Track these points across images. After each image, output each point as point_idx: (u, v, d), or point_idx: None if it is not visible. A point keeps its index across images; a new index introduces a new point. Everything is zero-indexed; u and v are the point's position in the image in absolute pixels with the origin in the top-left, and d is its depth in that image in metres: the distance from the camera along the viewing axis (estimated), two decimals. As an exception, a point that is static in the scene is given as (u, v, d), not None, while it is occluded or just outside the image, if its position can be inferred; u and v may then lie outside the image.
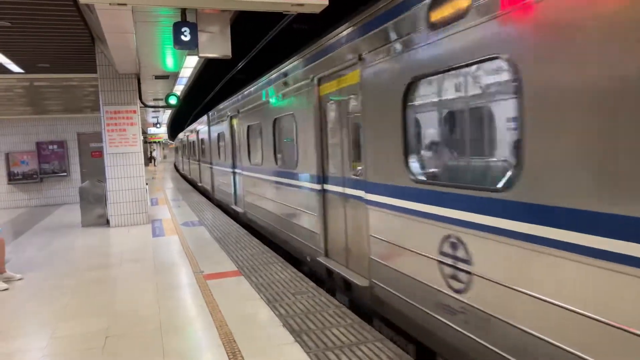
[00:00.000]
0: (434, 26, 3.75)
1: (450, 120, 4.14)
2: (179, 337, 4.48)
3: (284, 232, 8.14)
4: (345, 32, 5.38)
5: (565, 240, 2.68)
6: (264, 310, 5.06)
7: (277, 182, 8.41)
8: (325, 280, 6.43)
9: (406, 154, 4.26)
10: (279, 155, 8.41)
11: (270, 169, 8.76)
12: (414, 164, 4.23)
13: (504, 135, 3.48)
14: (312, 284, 5.95)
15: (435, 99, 4.18)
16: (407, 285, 4.32)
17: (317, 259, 6.43)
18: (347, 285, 5.70)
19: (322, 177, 6.36)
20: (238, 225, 10.54)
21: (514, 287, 3.06)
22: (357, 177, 5.29)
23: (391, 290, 4.61)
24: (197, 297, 5.61)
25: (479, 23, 3.27)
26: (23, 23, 8.64)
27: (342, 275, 5.61)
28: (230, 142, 12.57)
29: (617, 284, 2.41)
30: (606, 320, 2.47)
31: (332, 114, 6.06)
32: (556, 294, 2.76)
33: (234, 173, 12.34)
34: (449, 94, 4.02)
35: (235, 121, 11.84)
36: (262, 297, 5.45)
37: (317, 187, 6.42)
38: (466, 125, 3.89)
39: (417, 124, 4.38)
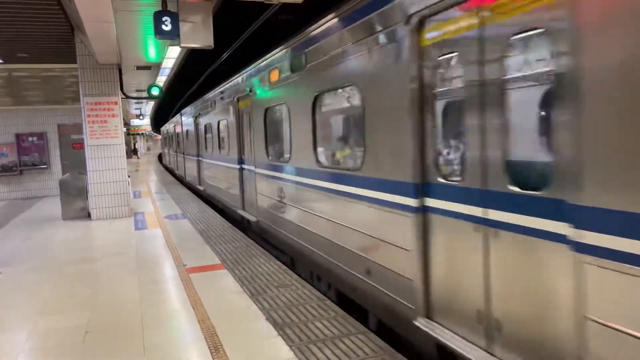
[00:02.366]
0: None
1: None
2: (160, 332, 4.43)
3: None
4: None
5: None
6: (247, 303, 5.02)
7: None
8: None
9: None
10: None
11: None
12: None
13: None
14: (295, 276, 5.93)
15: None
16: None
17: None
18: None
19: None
20: (222, 218, 10.47)
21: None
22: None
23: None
24: (180, 291, 5.56)
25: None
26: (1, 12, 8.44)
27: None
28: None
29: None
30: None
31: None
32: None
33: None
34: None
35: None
36: (245, 291, 5.41)
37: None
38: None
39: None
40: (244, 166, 9.70)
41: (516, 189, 2.95)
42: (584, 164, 2.44)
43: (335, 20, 5.20)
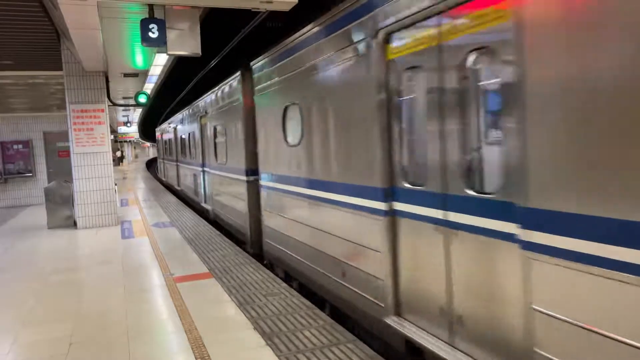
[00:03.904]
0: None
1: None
2: (146, 342, 4.36)
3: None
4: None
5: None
6: (234, 313, 4.97)
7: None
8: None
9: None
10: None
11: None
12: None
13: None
14: (284, 285, 5.88)
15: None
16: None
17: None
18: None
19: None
20: (210, 226, 10.39)
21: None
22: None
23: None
24: (167, 300, 5.49)
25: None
26: (-17, 18, 8.33)
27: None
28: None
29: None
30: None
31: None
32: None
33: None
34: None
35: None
36: (233, 300, 5.36)
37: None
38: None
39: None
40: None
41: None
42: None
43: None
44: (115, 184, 11.39)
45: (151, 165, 55.01)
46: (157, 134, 29.04)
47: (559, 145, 2.48)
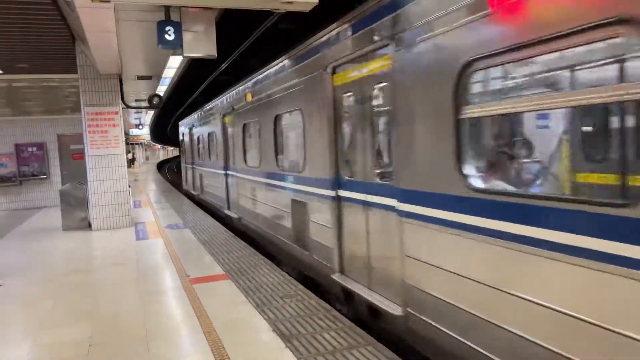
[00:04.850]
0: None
1: None
2: (165, 344, 4.36)
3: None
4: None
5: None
6: (252, 314, 4.96)
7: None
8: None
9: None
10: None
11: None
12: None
13: None
14: (300, 287, 5.87)
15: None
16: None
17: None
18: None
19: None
20: (224, 228, 10.41)
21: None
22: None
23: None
24: (184, 302, 5.49)
25: None
26: (0, 22, 8.42)
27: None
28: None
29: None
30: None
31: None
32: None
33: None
34: None
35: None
36: (250, 301, 5.35)
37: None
38: None
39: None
40: None
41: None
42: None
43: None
44: (129, 186, 11.45)
45: (162, 167, 55.43)
46: (184, 130, 20.03)
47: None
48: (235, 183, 10.86)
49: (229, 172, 11.52)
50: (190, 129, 17.96)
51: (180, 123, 21.57)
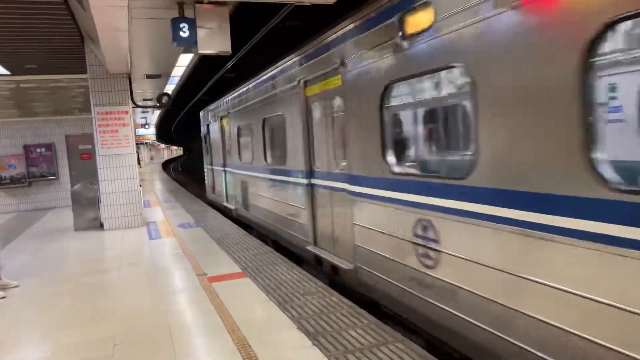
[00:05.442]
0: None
1: None
2: (190, 343, 4.33)
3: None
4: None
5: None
6: (275, 312, 4.92)
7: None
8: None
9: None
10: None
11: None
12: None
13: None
14: (320, 283, 5.82)
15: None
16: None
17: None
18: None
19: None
20: (237, 226, 10.37)
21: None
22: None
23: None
24: (204, 300, 5.45)
25: None
26: (9, 23, 8.39)
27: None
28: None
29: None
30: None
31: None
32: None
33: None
34: None
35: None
36: (271, 299, 5.31)
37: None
38: None
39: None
40: None
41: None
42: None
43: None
44: (140, 185, 11.42)
45: (166, 166, 55.51)
46: (211, 120, 15.09)
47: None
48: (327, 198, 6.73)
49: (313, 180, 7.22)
50: (223, 118, 12.96)
51: (204, 111, 16.38)
